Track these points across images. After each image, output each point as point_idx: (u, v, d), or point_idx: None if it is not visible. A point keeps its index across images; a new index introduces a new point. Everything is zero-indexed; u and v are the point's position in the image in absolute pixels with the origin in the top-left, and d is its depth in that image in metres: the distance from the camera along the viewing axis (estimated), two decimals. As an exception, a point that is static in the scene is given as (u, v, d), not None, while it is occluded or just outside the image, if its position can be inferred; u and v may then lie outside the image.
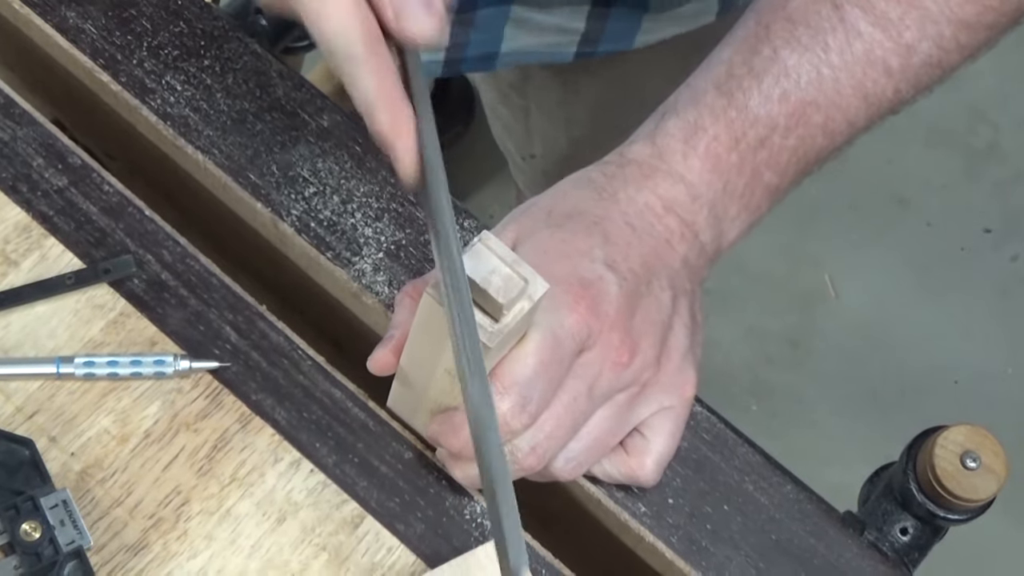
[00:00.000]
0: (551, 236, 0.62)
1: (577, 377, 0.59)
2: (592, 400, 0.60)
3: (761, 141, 0.64)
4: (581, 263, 0.61)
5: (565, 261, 0.61)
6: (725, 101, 0.64)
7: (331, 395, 0.67)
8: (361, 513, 0.64)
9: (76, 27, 0.73)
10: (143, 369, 0.65)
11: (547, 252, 0.61)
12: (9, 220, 0.69)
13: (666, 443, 0.64)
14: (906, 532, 0.70)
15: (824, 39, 0.64)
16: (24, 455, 0.61)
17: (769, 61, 0.64)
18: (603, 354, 0.60)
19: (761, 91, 0.64)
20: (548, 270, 0.59)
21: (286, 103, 0.73)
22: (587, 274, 0.60)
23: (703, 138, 0.64)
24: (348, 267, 0.69)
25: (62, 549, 0.59)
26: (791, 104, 0.64)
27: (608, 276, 0.60)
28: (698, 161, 0.64)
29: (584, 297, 0.59)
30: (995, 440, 0.68)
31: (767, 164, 0.65)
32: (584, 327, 0.59)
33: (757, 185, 0.65)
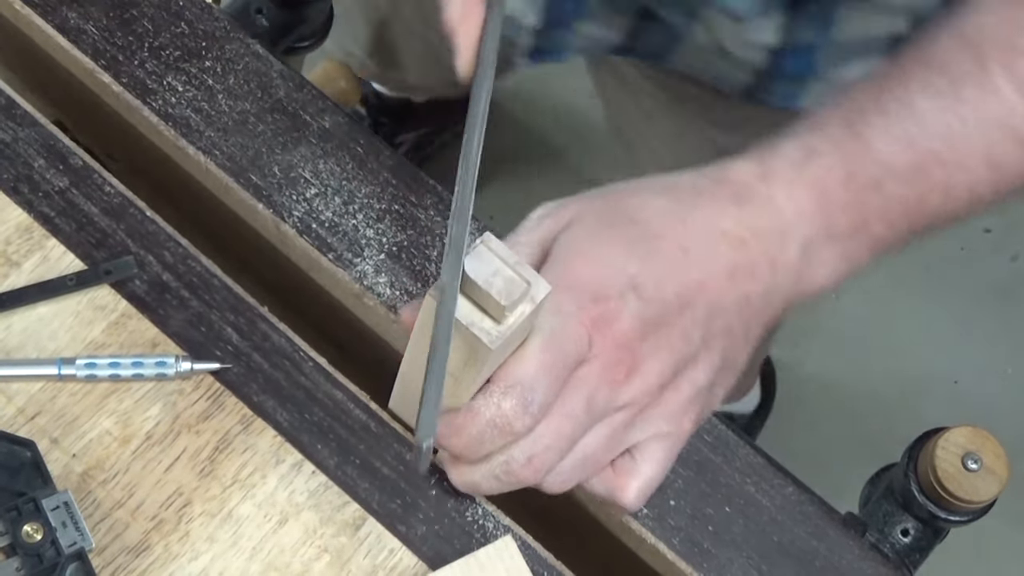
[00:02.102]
0: (594, 236, 0.60)
1: (575, 389, 0.58)
2: (590, 414, 0.59)
3: (876, 183, 0.60)
4: (607, 275, 0.59)
5: (592, 267, 0.59)
6: (847, 132, 0.60)
7: (333, 397, 0.67)
8: (363, 515, 0.64)
9: (77, 28, 0.73)
10: (145, 371, 0.65)
11: (581, 251, 0.60)
12: (10, 221, 0.69)
13: (654, 470, 0.62)
14: (907, 533, 0.70)
15: (960, 90, 0.60)
16: (26, 457, 0.61)
17: (899, 102, 0.60)
18: (601, 369, 0.59)
19: (887, 130, 0.60)
20: (571, 270, 0.59)
21: (287, 104, 0.73)
22: (606, 289, 0.59)
23: (816, 165, 0.60)
24: (350, 268, 0.69)
25: (64, 551, 0.59)
26: (915, 152, 0.60)
27: (628, 296, 0.59)
28: (804, 191, 0.60)
29: (591, 310, 0.58)
30: (996, 441, 0.68)
31: (876, 211, 0.60)
32: (585, 337, 0.58)
33: (862, 232, 0.61)
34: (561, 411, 0.58)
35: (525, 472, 0.59)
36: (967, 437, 0.68)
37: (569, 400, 0.58)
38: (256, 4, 0.81)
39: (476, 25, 0.57)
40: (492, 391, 0.57)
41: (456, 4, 0.57)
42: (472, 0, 0.57)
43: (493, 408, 0.57)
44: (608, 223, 0.60)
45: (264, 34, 0.80)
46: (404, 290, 0.69)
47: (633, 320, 0.58)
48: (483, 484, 0.61)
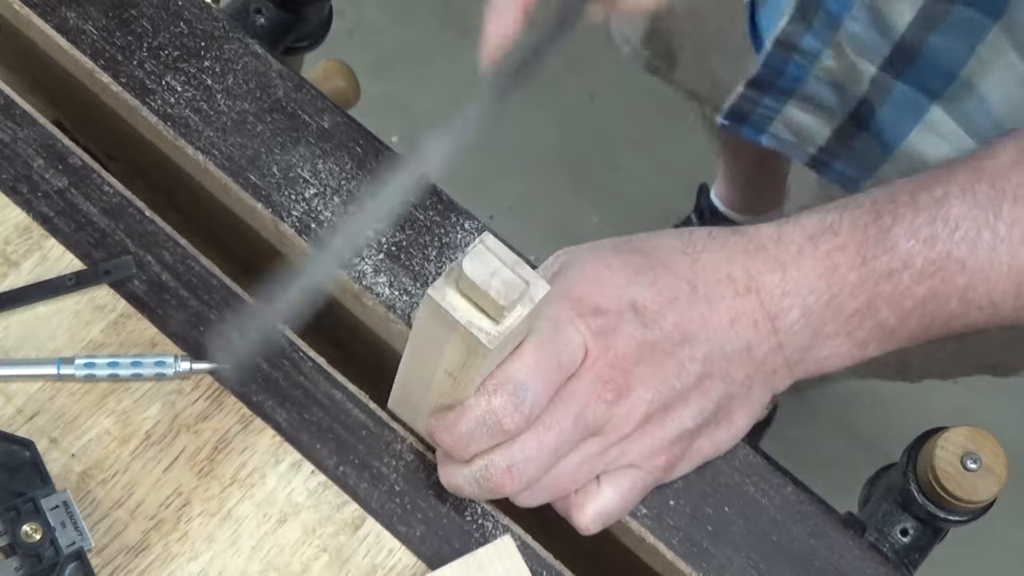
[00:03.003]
0: (600, 259, 0.60)
1: (564, 403, 0.58)
2: (577, 430, 0.58)
3: (889, 273, 0.60)
4: (610, 293, 0.59)
5: (596, 285, 0.59)
6: (871, 218, 0.60)
7: (332, 396, 0.67)
8: (362, 515, 0.64)
9: (76, 28, 0.73)
10: (144, 370, 0.65)
11: (585, 271, 0.60)
12: (9, 221, 0.69)
13: (615, 499, 0.61)
14: (906, 533, 0.70)
15: (1000, 204, 0.59)
16: (25, 456, 0.61)
17: (934, 201, 0.60)
18: (592, 385, 0.58)
19: (912, 224, 0.59)
20: (576, 285, 0.58)
21: (286, 104, 0.73)
22: (607, 304, 0.58)
23: (829, 241, 0.60)
24: (348, 268, 0.69)
25: (63, 550, 0.59)
26: (936, 251, 0.59)
27: (628, 315, 0.58)
28: (811, 262, 0.60)
29: (590, 321, 0.58)
30: (996, 441, 0.68)
31: (887, 300, 0.60)
32: (581, 345, 0.58)
33: (869, 317, 0.61)
34: (547, 423, 0.58)
35: (503, 479, 0.58)
36: (966, 437, 0.68)
37: (557, 412, 0.58)
38: (255, 4, 0.81)
39: (504, 29, 0.59)
40: (484, 388, 0.58)
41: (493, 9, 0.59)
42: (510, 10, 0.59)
43: (484, 405, 0.57)
44: (619, 251, 0.61)
45: (263, 34, 0.80)
46: (403, 290, 0.69)
47: (630, 340, 0.58)
48: (465, 488, 0.61)
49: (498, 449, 0.58)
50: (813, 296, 0.60)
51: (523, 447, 0.58)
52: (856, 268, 0.60)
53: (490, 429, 0.57)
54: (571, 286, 0.59)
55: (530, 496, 0.60)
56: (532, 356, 0.57)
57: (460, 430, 0.58)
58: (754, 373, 0.61)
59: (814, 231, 0.61)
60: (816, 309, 0.60)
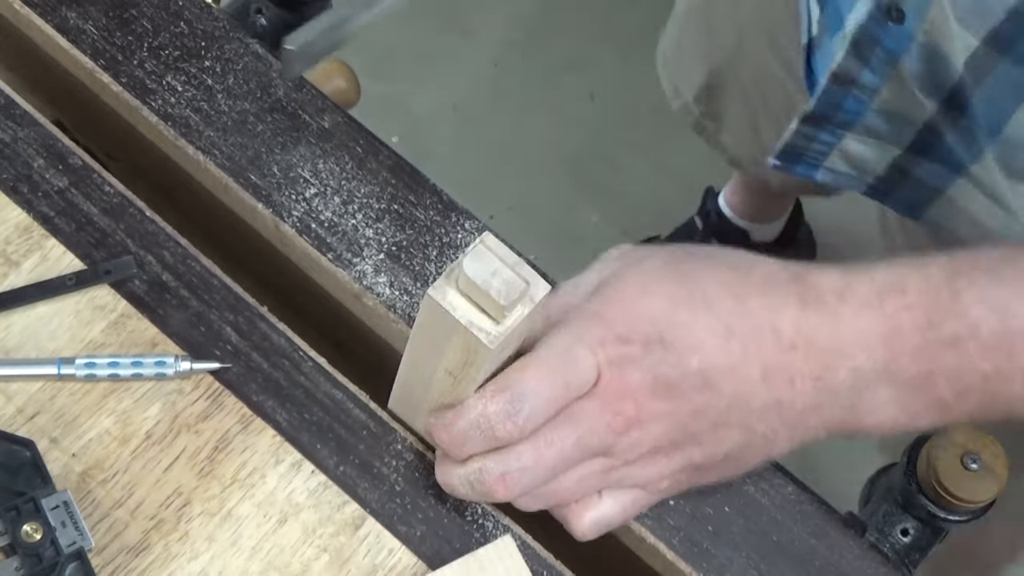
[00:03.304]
0: (644, 283, 0.58)
1: (569, 422, 0.57)
2: (578, 451, 0.57)
3: (955, 340, 0.55)
4: (640, 322, 0.57)
5: (629, 310, 0.57)
6: (944, 280, 0.56)
7: (332, 396, 0.67)
8: (362, 514, 0.64)
9: (77, 28, 0.73)
10: (144, 370, 0.65)
11: (624, 293, 0.58)
12: (10, 221, 0.69)
13: (614, 511, 0.60)
14: (907, 533, 0.70)
15: None
16: (25, 456, 0.61)
17: (1015, 271, 0.56)
18: (601, 410, 0.57)
19: (985, 291, 0.55)
20: (609, 306, 0.57)
21: (287, 104, 0.73)
22: (634, 334, 0.56)
23: (896, 300, 0.56)
24: (349, 268, 0.69)
25: (63, 550, 0.59)
26: (1007, 324, 0.55)
27: (654, 349, 0.56)
28: (873, 320, 0.56)
29: (611, 348, 0.56)
30: (996, 441, 0.68)
31: (948, 371, 0.56)
32: (593, 368, 0.56)
33: (926, 387, 0.57)
34: (549, 438, 0.57)
35: (496, 486, 0.58)
36: (967, 437, 0.68)
37: (560, 430, 0.57)
38: (255, 4, 0.80)
39: None
40: (484, 392, 0.57)
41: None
42: None
43: (480, 408, 0.57)
44: (664, 276, 0.58)
45: (263, 34, 0.80)
46: (403, 290, 0.69)
47: (648, 373, 0.56)
48: (459, 488, 0.60)
49: (494, 455, 0.58)
50: (868, 357, 0.56)
51: (520, 457, 0.57)
52: (921, 331, 0.56)
53: (483, 433, 0.57)
54: (605, 307, 0.58)
55: (529, 501, 0.60)
56: (538, 369, 0.56)
57: (456, 429, 0.58)
58: (780, 428, 0.58)
59: (884, 286, 0.56)
60: (869, 372, 0.56)
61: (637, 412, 0.57)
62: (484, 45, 1.87)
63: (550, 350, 0.57)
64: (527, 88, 1.84)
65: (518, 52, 1.87)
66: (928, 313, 0.56)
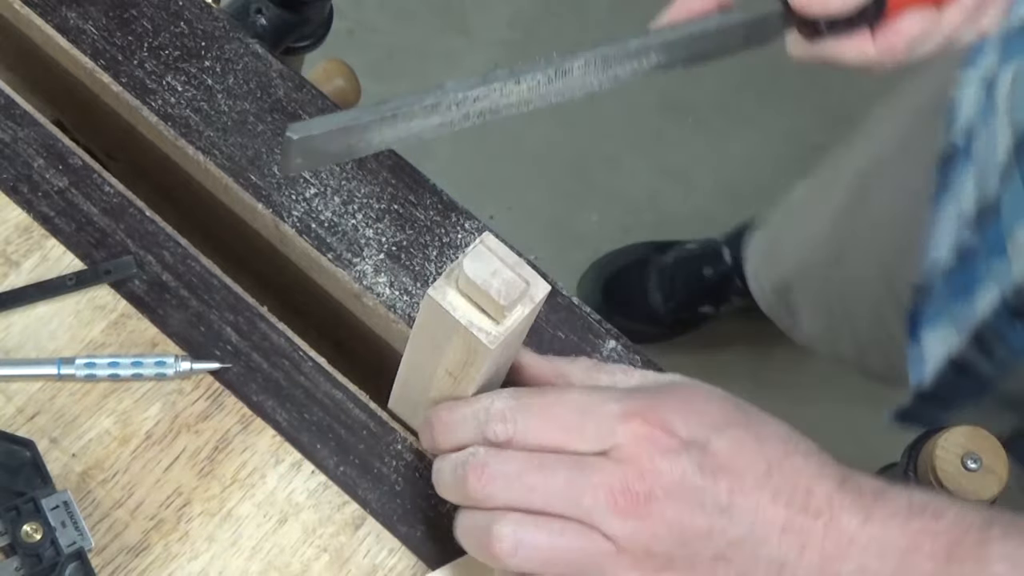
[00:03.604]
0: (708, 392, 0.57)
1: (575, 464, 0.55)
2: (567, 491, 0.54)
3: None
4: (691, 422, 0.55)
5: (684, 409, 0.56)
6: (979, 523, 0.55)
7: (332, 396, 0.67)
8: (362, 514, 0.64)
9: (77, 28, 0.73)
10: (144, 370, 0.65)
11: (685, 395, 0.57)
12: (10, 221, 0.69)
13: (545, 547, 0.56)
14: (907, 533, 0.70)
15: None
16: (25, 456, 0.61)
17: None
18: (613, 475, 0.54)
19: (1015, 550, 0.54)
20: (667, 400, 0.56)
21: (287, 104, 0.73)
22: (681, 430, 0.55)
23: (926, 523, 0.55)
24: (349, 268, 0.69)
25: (63, 550, 0.59)
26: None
27: (693, 451, 0.54)
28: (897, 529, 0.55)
29: (646, 428, 0.55)
30: (996, 441, 0.68)
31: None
32: (615, 433, 0.55)
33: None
34: (546, 462, 0.55)
35: (472, 476, 0.55)
36: (967, 437, 0.68)
37: (559, 463, 0.55)
38: (256, 4, 0.81)
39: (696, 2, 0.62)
40: (501, 391, 0.58)
41: None
42: None
43: (486, 401, 0.57)
44: (727, 401, 0.58)
45: (264, 34, 0.81)
46: (403, 290, 0.69)
47: (676, 469, 0.54)
48: (445, 471, 0.58)
49: (487, 448, 0.57)
50: (879, 561, 0.55)
51: (508, 460, 0.56)
52: (937, 560, 0.55)
53: (478, 424, 0.57)
54: (666, 398, 0.57)
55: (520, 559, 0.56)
56: (560, 399, 0.56)
57: (457, 413, 0.58)
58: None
59: (919, 505, 0.56)
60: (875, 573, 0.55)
61: (647, 501, 0.54)
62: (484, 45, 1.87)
63: (586, 395, 0.56)
64: (527, 88, 1.84)
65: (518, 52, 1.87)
66: (950, 547, 0.55)
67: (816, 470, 0.56)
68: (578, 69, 0.57)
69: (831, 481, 0.55)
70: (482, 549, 0.56)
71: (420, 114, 0.54)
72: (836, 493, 0.55)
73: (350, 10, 1.82)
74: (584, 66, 0.57)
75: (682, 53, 0.61)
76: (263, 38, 0.78)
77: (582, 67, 0.57)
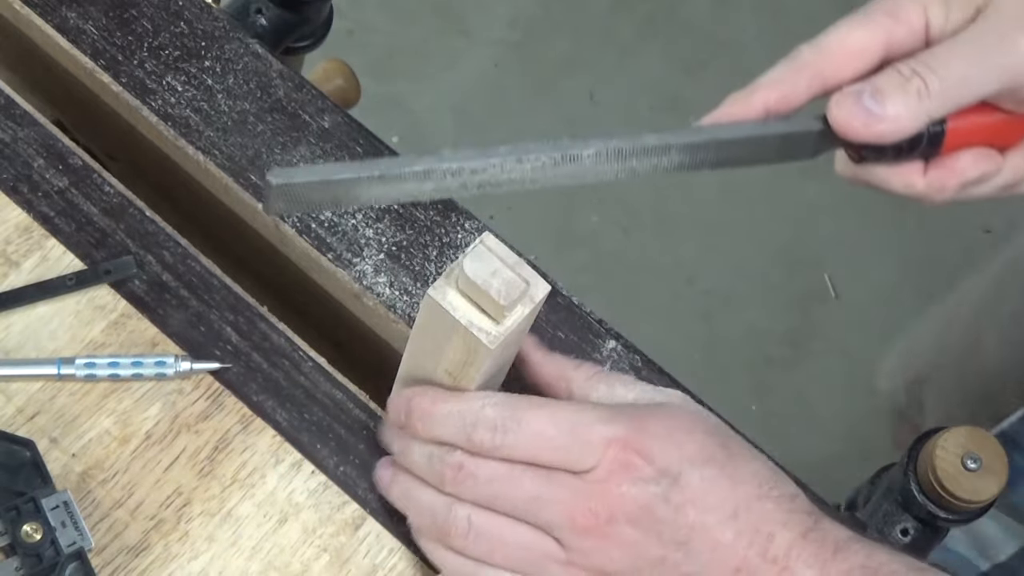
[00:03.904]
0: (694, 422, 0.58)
1: (545, 479, 0.56)
2: (531, 505, 0.56)
3: None
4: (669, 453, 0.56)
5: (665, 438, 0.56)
6: None
7: (332, 396, 0.67)
8: (362, 514, 0.64)
9: (77, 28, 0.73)
10: (144, 370, 0.65)
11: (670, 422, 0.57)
12: (10, 221, 0.69)
13: None
14: (907, 533, 0.70)
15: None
16: (25, 456, 0.61)
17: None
18: (578, 495, 0.56)
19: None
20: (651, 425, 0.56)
21: (287, 104, 0.73)
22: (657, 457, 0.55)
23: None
24: (349, 268, 0.69)
25: (63, 550, 0.59)
26: None
27: (664, 482, 0.55)
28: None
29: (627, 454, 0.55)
30: (996, 441, 0.68)
31: None
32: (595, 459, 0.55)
33: None
34: (515, 472, 0.56)
35: (448, 472, 0.57)
36: (967, 437, 0.68)
37: (529, 476, 0.56)
38: (256, 4, 0.81)
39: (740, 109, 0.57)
40: (492, 397, 0.58)
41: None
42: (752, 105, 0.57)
43: (478, 404, 0.57)
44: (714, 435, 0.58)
45: (263, 34, 0.80)
46: (403, 290, 0.69)
47: (643, 496, 0.55)
48: (416, 452, 0.59)
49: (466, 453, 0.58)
50: None
51: (482, 466, 0.57)
52: None
53: (464, 426, 0.57)
54: (651, 424, 0.57)
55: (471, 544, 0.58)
56: (553, 417, 0.56)
57: (445, 407, 0.58)
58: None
59: (872, 568, 0.56)
60: None
61: (608, 523, 0.56)
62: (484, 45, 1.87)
63: (577, 413, 0.57)
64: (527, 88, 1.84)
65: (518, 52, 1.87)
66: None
67: (783, 517, 0.56)
68: (588, 157, 0.54)
69: (796, 529, 0.56)
70: (436, 527, 0.59)
71: (412, 178, 0.53)
72: (798, 542, 0.55)
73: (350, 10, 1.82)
74: (595, 156, 0.54)
75: (707, 156, 0.56)
76: (263, 38, 0.78)
77: (593, 156, 0.54)
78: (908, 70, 0.54)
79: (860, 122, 0.54)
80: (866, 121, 0.54)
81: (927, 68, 0.54)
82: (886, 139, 0.55)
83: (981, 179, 0.58)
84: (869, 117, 0.54)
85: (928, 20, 0.56)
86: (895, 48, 0.56)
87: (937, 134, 0.56)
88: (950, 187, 0.57)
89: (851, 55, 0.56)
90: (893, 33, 0.56)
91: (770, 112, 0.57)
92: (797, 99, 0.57)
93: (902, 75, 0.54)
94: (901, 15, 0.56)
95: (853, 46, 0.56)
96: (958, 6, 0.56)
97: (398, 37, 1.84)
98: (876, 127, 0.54)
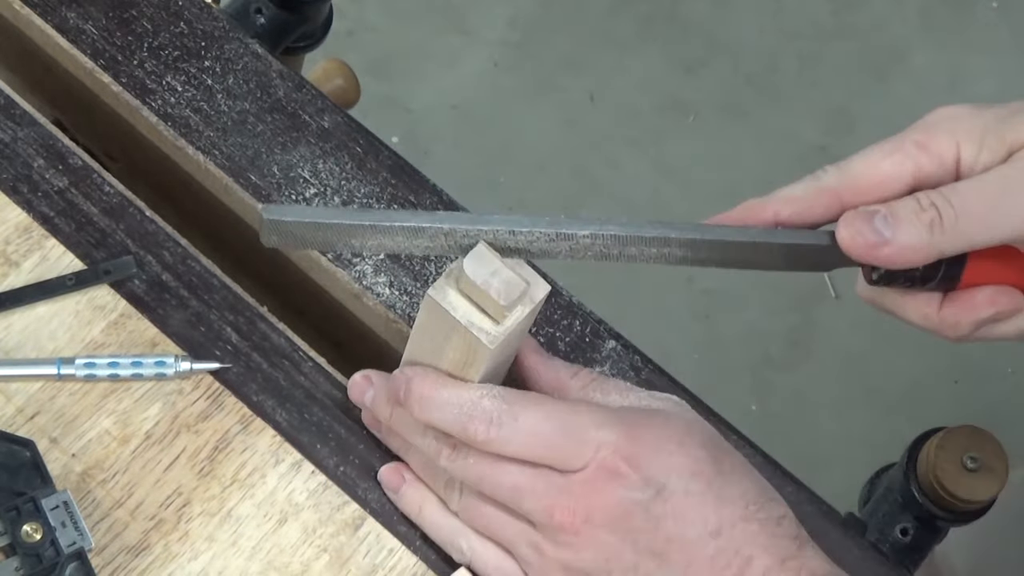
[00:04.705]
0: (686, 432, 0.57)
1: (532, 473, 0.57)
2: (511, 495, 0.57)
3: None
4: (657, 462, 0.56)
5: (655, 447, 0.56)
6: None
7: (332, 396, 0.67)
8: (362, 514, 0.64)
9: (77, 28, 0.73)
10: (144, 370, 0.65)
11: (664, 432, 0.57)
12: (10, 221, 0.69)
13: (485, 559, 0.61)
14: (907, 533, 0.70)
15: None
16: (25, 456, 0.61)
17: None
18: (560, 492, 0.56)
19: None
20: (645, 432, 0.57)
21: (287, 104, 0.73)
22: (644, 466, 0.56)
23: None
24: (349, 268, 0.69)
25: (63, 550, 0.59)
26: None
27: (648, 491, 0.55)
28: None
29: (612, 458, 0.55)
30: (996, 441, 0.68)
31: None
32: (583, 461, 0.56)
33: None
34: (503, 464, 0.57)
35: (444, 453, 0.59)
36: (967, 437, 0.68)
37: (516, 468, 0.57)
38: (255, 4, 0.81)
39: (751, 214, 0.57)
40: (493, 390, 0.58)
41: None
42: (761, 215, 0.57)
43: (476, 395, 0.57)
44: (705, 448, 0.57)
45: (263, 34, 0.80)
46: (403, 290, 0.69)
47: (624, 502, 0.56)
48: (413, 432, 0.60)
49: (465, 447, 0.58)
50: None
51: (470, 462, 0.58)
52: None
53: (460, 415, 0.57)
54: (642, 428, 0.57)
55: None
56: (549, 416, 0.56)
57: (444, 394, 0.58)
58: None
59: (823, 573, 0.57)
60: None
61: (585, 523, 0.56)
62: (484, 45, 1.87)
63: (573, 415, 0.57)
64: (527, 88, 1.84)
65: (518, 52, 1.87)
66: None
67: (766, 541, 0.56)
68: (584, 238, 0.54)
69: (776, 555, 0.56)
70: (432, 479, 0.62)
71: (403, 234, 0.54)
72: (774, 568, 0.55)
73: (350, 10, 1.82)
74: (591, 237, 0.54)
75: (710, 255, 0.56)
76: (263, 38, 0.78)
77: (589, 237, 0.54)
78: (927, 201, 0.54)
79: (866, 243, 0.54)
80: (873, 243, 0.54)
81: (946, 202, 0.53)
82: (892, 265, 0.54)
83: (999, 318, 0.56)
84: (877, 239, 0.54)
85: (959, 155, 0.55)
86: (923, 181, 0.55)
87: (954, 268, 0.55)
88: (964, 323, 0.56)
89: (876, 184, 0.55)
90: (922, 166, 0.55)
91: (781, 224, 0.56)
92: (812, 219, 0.56)
93: (919, 204, 0.54)
94: (932, 147, 0.55)
95: (879, 175, 0.55)
96: (991, 145, 0.55)
97: (398, 37, 1.84)
98: (881, 251, 0.54)
